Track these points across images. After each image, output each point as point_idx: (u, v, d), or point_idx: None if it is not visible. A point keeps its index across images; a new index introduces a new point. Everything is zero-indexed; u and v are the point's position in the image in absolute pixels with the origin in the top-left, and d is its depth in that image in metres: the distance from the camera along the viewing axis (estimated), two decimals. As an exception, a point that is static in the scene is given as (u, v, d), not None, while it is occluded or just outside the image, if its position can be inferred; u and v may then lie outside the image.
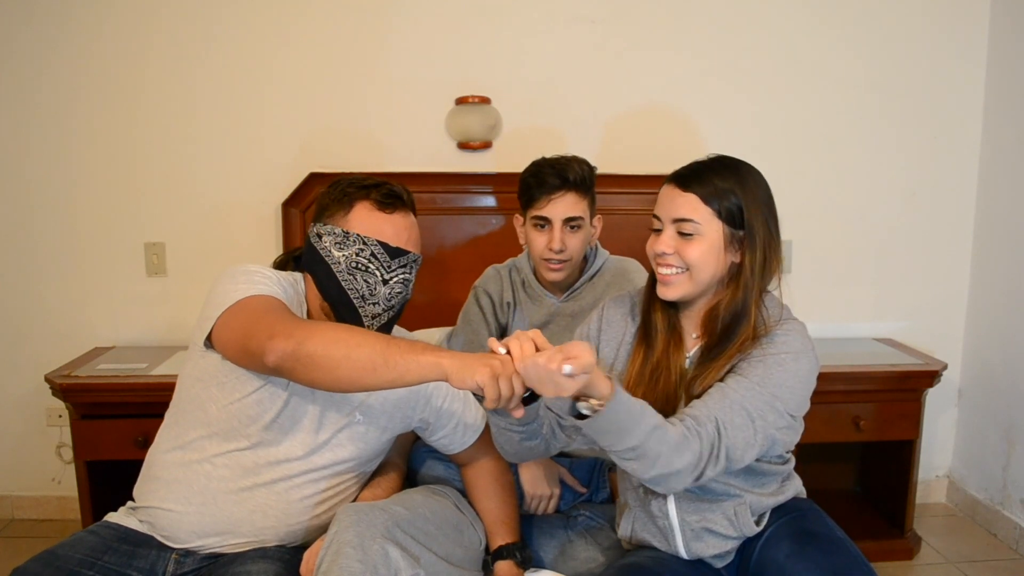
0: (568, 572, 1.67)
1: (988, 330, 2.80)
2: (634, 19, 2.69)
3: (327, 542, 1.33)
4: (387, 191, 1.49)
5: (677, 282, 1.42)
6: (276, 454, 1.46)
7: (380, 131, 2.68)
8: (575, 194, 1.85)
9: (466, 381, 1.20)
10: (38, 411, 2.71)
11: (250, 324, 1.34)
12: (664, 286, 1.44)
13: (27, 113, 2.60)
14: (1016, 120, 2.67)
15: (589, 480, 1.86)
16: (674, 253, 1.41)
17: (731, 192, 1.40)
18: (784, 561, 1.38)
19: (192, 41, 2.61)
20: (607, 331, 1.55)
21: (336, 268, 1.45)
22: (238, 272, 1.46)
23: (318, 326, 1.32)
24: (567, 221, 1.85)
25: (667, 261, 1.42)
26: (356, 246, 1.45)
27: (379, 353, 1.24)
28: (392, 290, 1.48)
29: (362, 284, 1.45)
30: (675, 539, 1.47)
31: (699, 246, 1.40)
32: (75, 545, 1.40)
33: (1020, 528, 2.61)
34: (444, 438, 1.62)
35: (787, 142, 2.77)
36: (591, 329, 1.57)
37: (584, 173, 1.87)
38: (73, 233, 2.66)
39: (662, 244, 1.42)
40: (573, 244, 1.87)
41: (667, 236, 1.42)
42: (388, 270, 1.46)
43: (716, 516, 1.44)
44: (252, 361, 1.35)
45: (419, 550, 1.37)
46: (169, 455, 1.49)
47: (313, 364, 1.26)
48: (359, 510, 1.37)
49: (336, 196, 1.50)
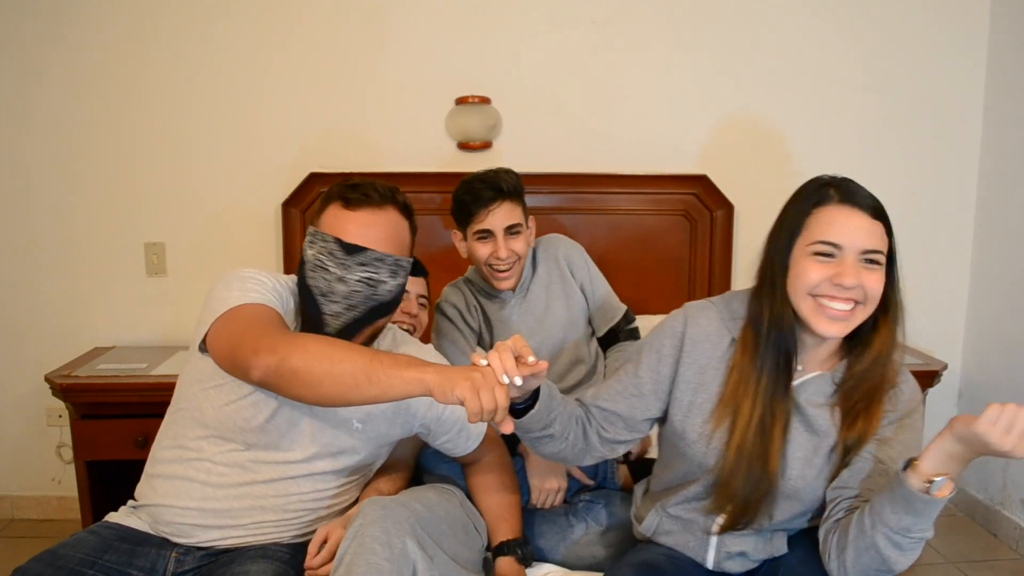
0: (569, 557, 1.68)
1: (988, 330, 2.80)
2: (634, 19, 2.69)
3: (351, 534, 1.32)
4: (356, 188, 1.47)
5: (855, 318, 1.27)
6: (274, 457, 1.46)
7: (380, 131, 2.68)
8: (510, 202, 1.91)
9: (447, 395, 1.18)
10: (38, 411, 2.71)
11: (238, 336, 1.34)
12: (835, 322, 1.26)
13: (27, 113, 2.60)
14: (1016, 120, 2.67)
15: (596, 472, 1.88)
16: (859, 286, 1.25)
17: (885, 217, 1.29)
18: (797, 565, 1.37)
19: (192, 41, 2.61)
20: (692, 351, 1.37)
21: (307, 267, 1.46)
22: (233, 278, 1.45)
23: (303, 340, 1.30)
24: (508, 228, 1.91)
25: (849, 295, 1.25)
26: (319, 244, 1.45)
27: (362, 369, 1.23)
28: (351, 288, 1.43)
29: (321, 281, 1.44)
30: (707, 553, 1.43)
31: (880, 277, 1.27)
32: (75, 545, 1.40)
33: (1020, 528, 2.61)
34: (448, 442, 1.61)
35: (787, 142, 2.76)
36: (665, 346, 1.39)
37: (513, 181, 1.93)
38: (73, 233, 2.66)
39: (847, 277, 1.24)
40: (517, 247, 1.93)
41: (852, 267, 1.25)
42: (344, 268, 1.43)
43: (755, 541, 1.41)
44: (240, 374, 1.35)
45: (434, 550, 1.37)
46: (169, 453, 1.49)
47: (297, 380, 1.26)
48: (385, 505, 1.36)
49: (323, 198, 1.51)
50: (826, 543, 1.29)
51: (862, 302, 1.26)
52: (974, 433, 1.09)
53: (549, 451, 1.41)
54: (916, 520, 1.17)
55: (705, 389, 1.37)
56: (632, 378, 1.42)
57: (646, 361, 1.41)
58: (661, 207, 2.67)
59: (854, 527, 1.23)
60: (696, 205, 2.70)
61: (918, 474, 1.15)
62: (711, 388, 1.37)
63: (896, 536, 1.18)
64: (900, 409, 1.33)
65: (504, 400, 1.18)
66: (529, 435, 1.37)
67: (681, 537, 1.46)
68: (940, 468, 1.14)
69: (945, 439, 1.14)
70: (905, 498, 1.16)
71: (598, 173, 2.64)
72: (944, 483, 1.14)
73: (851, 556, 1.23)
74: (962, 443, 1.12)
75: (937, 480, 1.14)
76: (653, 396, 1.41)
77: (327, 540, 1.42)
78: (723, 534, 1.41)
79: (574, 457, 1.43)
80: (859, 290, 1.25)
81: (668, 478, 1.48)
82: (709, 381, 1.37)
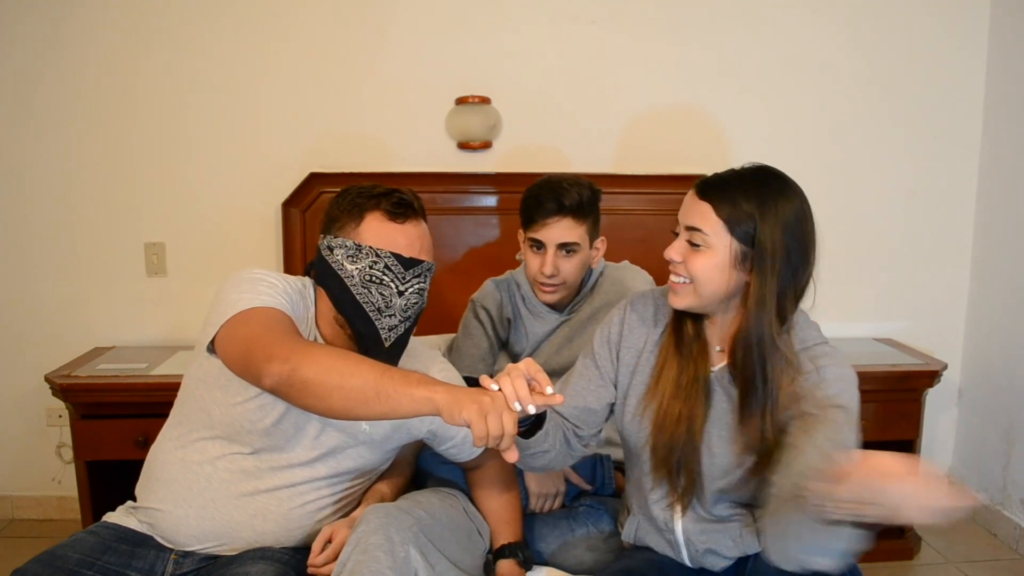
0: (570, 561, 1.69)
1: (988, 330, 2.80)
2: (634, 19, 2.68)
3: (353, 540, 1.32)
4: (397, 200, 1.46)
5: (683, 292, 1.36)
6: (279, 460, 1.46)
7: (380, 131, 2.68)
8: (571, 219, 1.82)
9: (455, 417, 1.17)
10: (38, 411, 2.71)
11: (250, 342, 1.32)
12: (672, 294, 1.38)
13: (27, 113, 2.60)
14: (1016, 120, 2.67)
15: (593, 476, 1.87)
16: (682, 262, 1.35)
17: (750, 208, 1.30)
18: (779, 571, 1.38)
19: (192, 41, 2.60)
20: (628, 336, 1.48)
21: (350, 282, 1.43)
22: (243, 279, 1.44)
23: (316, 351, 1.29)
24: (561, 246, 1.84)
25: (675, 269, 1.36)
26: (369, 259, 1.43)
27: (372, 385, 1.21)
28: (408, 301, 1.45)
29: (377, 297, 1.43)
30: (680, 551, 1.47)
31: (704, 259, 1.32)
32: (74, 546, 1.39)
33: (1020, 528, 2.61)
34: (453, 448, 1.61)
35: (786, 142, 2.76)
36: (612, 333, 1.49)
37: (583, 198, 1.83)
38: (73, 233, 2.66)
39: (672, 250, 1.36)
40: (567, 269, 1.86)
41: (678, 243, 1.36)
42: (403, 281, 1.44)
43: (721, 537, 1.43)
44: (251, 379, 1.34)
45: (436, 557, 1.38)
46: (171, 454, 1.48)
47: (307, 390, 1.24)
48: (388, 512, 1.36)
49: (345, 207, 1.47)
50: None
51: (688, 280, 1.35)
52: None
53: (540, 464, 1.44)
54: None
55: (640, 371, 1.46)
56: (593, 370, 1.50)
57: (600, 351, 1.50)
58: (661, 207, 2.67)
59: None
60: (696, 205, 2.69)
61: None
62: (644, 371, 1.45)
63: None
64: (811, 394, 1.33)
65: (512, 427, 1.17)
66: (526, 452, 1.37)
67: (654, 538, 1.49)
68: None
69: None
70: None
71: (598, 173, 2.64)
72: None
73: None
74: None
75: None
76: (611, 383, 1.49)
77: (331, 540, 1.42)
78: (687, 528, 1.43)
79: (558, 463, 1.48)
80: (683, 265, 1.35)
81: (630, 474, 1.54)
82: (643, 364, 1.45)
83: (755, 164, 1.38)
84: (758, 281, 1.31)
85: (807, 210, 1.35)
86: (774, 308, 1.32)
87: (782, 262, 1.30)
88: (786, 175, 1.38)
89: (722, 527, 1.43)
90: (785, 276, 1.31)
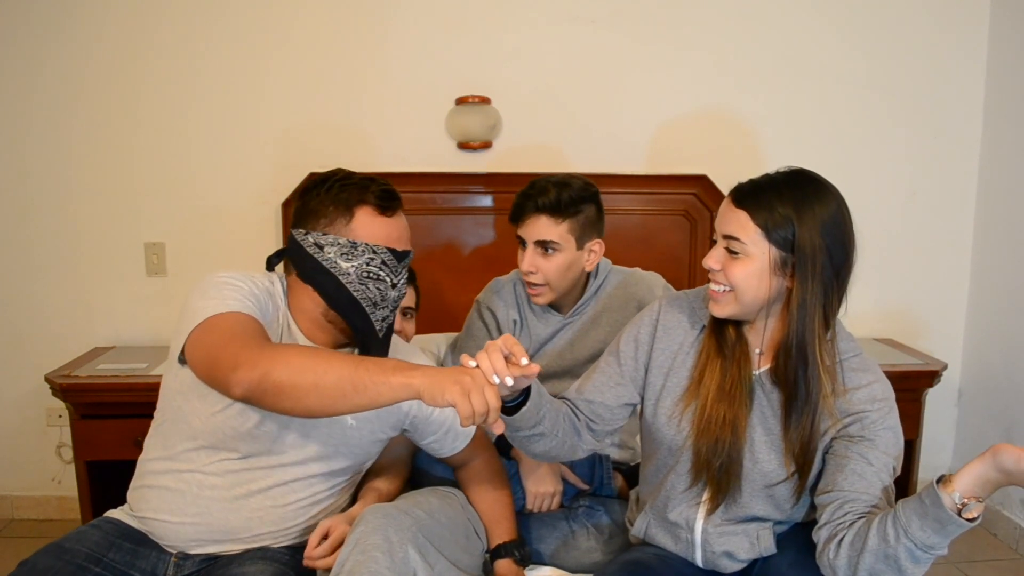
0: (570, 563, 1.69)
1: (988, 330, 2.80)
2: (634, 19, 2.68)
3: (352, 540, 1.32)
4: (382, 192, 1.47)
5: (724, 300, 1.35)
6: (268, 461, 1.45)
7: (380, 131, 2.68)
8: (547, 217, 1.83)
9: (437, 400, 1.16)
10: (38, 411, 2.71)
11: (216, 350, 1.29)
12: (713, 302, 1.37)
13: (27, 113, 2.60)
14: (1016, 120, 2.67)
15: (591, 476, 1.87)
16: (721, 270, 1.34)
17: (787, 213, 1.30)
18: (787, 570, 1.38)
19: (191, 41, 2.61)
20: (663, 338, 1.47)
21: (347, 280, 1.42)
22: (209, 285, 1.41)
23: (284, 352, 1.26)
24: (539, 244, 1.85)
25: (715, 278, 1.36)
26: (366, 256, 1.43)
27: (347, 379, 1.20)
28: (399, 292, 1.49)
29: (374, 292, 1.44)
30: (695, 552, 1.45)
31: (743, 267, 1.32)
32: (80, 539, 1.39)
33: (1020, 528, 2.61)
34: (434, 442, 1.61)
35: (786, 142, 2.76)
36: (642, 334, 1.48)
37: (561, 197, 1.82)
38: (73, 233, 2.66)
39: (710, 259, 1.35)
40: (547, 268, 1.85)
41: (716, 251, 1.35)
42: (396, 274, 1.47)
43: (740, 540, 1.42)
44: (221, 390, 1.30)
45: (435, 557, 1.38)
46: (158, 464, 1.47)
47: (281, 394, 1.22)
48: (387, 513, 1.36)
49: (330, 201, 1.45)
50: (830, 544, 1.28)
51: (729, 288, 1.34)
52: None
53: (539, 450, 1.42)
54: (942, 539, 1.19)
55: (675, 373, 1.45)
56: (615, 367, 1.49)
57: (625, 349, 1.49)
58: (661, 207, 2.67)
59: (875, 535, 1.22)
60: (696, 205, 2.70)
61: (950, 493, 1.16)
62: (681, 372, 1.44)
63: (919, 551, 1.20)
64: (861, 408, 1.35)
65: (495, 401, 1.17)
66: (519, 434, 1.38)
67: (665, 538, 1.48)
68: (974, 490, 1.15)
69: (986, 465, 1.14)
70: (937, 517, 1.17)
71: (598, 173, 2.64)
72: (975, 506, 1.15)
73: (868, 561, 1.23)
74: (1002, 472, 1.13)
75: (969, 503, 1.15)
76: (632, 383, 1.48)
77: (328, 534, 1.41)
78: (706, 530, 1.42)
79: (564, 454, 1.47)
80: (722, 274, 1.34)
81: (650, 472, 1.52)
82: (679, 366, 1.45)
83: (790, 168, 1.38)
84: (800, 286, 1.31)
85: (845, 211, 1.35)
86: (818, 312, 1.32)
87: (823, 265, 1.31)
88: (822, 177, 1.38)
89: (742, 529, 1.42)
90: (827, 279, 1.32)
